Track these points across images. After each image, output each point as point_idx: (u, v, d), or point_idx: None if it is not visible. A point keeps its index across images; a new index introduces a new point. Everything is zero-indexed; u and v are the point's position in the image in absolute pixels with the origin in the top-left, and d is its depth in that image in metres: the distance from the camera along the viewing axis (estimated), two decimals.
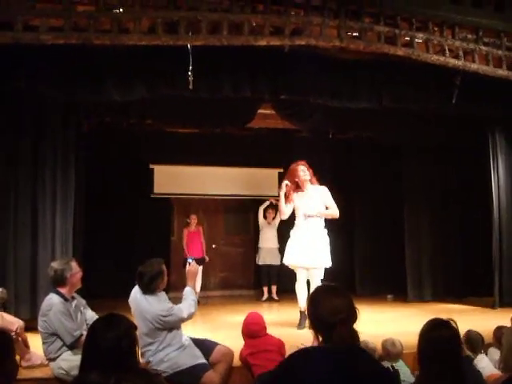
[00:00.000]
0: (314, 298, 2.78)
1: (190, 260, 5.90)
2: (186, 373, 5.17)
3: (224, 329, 7.80)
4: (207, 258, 11.54)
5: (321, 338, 2.64)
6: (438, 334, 3.13)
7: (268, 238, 11.63)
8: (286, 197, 7.81)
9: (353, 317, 2.65)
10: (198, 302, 10.48)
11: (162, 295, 5.43)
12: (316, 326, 2.70)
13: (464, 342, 5.15)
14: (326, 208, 7.76)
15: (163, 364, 5.19)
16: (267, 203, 11.78)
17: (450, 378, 2.95)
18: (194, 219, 11.49)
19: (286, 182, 7.83)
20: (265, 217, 11.83)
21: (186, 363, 5.22)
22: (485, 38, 7.59)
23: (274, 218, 11.61)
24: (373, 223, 12.11)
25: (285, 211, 7.87)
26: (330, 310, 2.61)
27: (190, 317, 5.42)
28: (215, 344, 5.63)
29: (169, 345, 5.26)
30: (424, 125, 9.99)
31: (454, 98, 8.15)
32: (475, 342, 5.14)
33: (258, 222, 12.02)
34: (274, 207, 11.39)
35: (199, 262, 10.74)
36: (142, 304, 5.30)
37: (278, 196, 8.14)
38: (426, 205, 11.21)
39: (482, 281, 10.60)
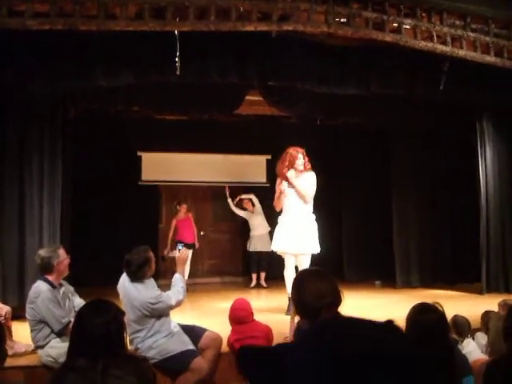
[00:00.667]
0: (298, 283, 2.78)
1: (179, 246, 5.81)
2: (175, 359, 5.17)
3: (212, 315, 7.81)
4: (197, 245, 11.51)
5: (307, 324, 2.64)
6: (425, 317, 3.15)
7: (257, 224, 11.62)
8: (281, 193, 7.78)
9: (338, 301, 2.65)
10: (187, 288, 10.57)
11: (151, 282, 5.42)
12: (301, 312, 2.70)
13: (451, 326, 5.19)
14: (315, 198, 7.76)
15: (152, 351, 5.18)
16: (231, 202, 11.83)
17: (438, 359, 2.96)
18: (183, 208, 11.46)
19: (285, 186, 7.75)
20: (244, 208, 11.82)
21: (175, 349, 5.22)
22: (473, 25, 7.61)
23: (253, 205, 11.60)
24: (361, 209, 12.13)
25: (280, 205, 7.87)
26: (315, 295, 2.61)
27: (179, 304, 5.42)
28: (204, 330, 5.64)
29: (157, 332, 5.26)
30: (412, 111, 9.99)
31: (441, 85, 8.14)
32: (462, 326, 5.16)
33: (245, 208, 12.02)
34: (245, 193, 11.51)
35: (189, 247, 10.77)
36: (130, 291, 5.30)
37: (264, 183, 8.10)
38: (415, 191, 11.24)
39: (469, 267, 10.65)
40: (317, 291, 2.63)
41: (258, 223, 11.60)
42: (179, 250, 5.76)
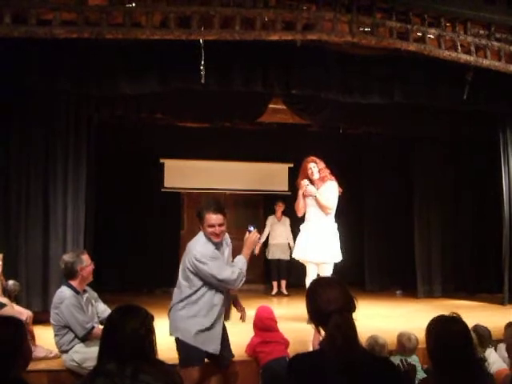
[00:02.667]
0: (310, 292, 2.80)
1: (251, 228, 5.40)
2: (186, 348, 4.83)
3: (234, 323, 7.80)
4: None
5: (322, 332, 2.66)
6: (448, 329, 3.11)
7: (278, 234, 11.57)
8: (304, 195, 7.78)
9: (348, 306, 2.66)
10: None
11: (214, 245, 5.04)
12: (314, 319, 2.72)
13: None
14: (337, 207, 7.75)
15: (186, 321, 4.84)
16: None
17: (462, 372, 2.94)
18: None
19: (306, 181, 7.76)
20: (274, 211, 11.78)
21: (196, 342, 4.81)
22: (497, 34, 7.59)
23: (282, 215, 11.56)
24: (383, 219, 12.07)
25: (300, 208, 7.87)
26: (325, 301, 2.63)
27: (228, 283, 4.88)
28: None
29: (198, 302, 4.85)
30: (435, 120, 9.97)
31: (465, 94, 8.13)
32: (483, 336, 5.14)
33: (267, 216, 12.01)
34: (282, 201, 11.41)
35: None
36: (190, 243, 5.05)
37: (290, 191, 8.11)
38: (437, 200, 11.19)
39: (491, 277, 10.59)
40: (327, 298, 2.65)
41: (279, 232, 11.56)
42: (249, 231, 5.34)
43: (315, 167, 7.74)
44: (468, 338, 3.07)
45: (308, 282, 7.70)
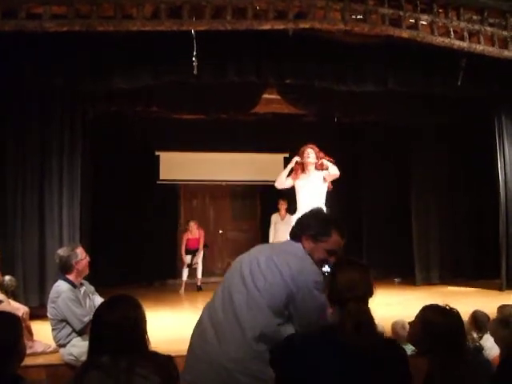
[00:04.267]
0: (333, 269, 2.79)
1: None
2: None
3: None
4: (207, 246, 11.64)
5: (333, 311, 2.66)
6: (440, 319, 3.09)
7: (281, 233, 11.32)
8: (294, 173, 7.80)
9: (366, 293, 2.66)
10: (201, 287, 10.51)
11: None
12: (331, 298, 2.70)
13: (470, 322, 5.16)
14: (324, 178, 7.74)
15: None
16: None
17: (454, 362, 2.91)
18: (193, 226, 11.36)
19: (297, 158, 7.80)
20: (277, 209, 11.73)
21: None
22: (490, 19, 7.55)
23: (286, 212, 11.50)
24: (380, 206, 12.07)
25: (282, 181, 7.94)
26: (344, 285, 2.62)
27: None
28: None
29: None
30: (430, 107, 9.94)
31: (459, 80, 8.10)
32: (482, 322, 5.14)
33: (264, 207, 12.00)
34: (284, 198, 11.36)
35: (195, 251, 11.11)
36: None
37: None
38: (433, 187, 11.20)
39: (489, 263, 10.59)
40: (349, 280, 2.63)
41: (282, 231, 11.38)
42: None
43: (312, 153, 7.73)
44: (459, 328, 3.05)
45: None
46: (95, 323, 2.81)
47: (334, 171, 7.66)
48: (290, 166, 7.84)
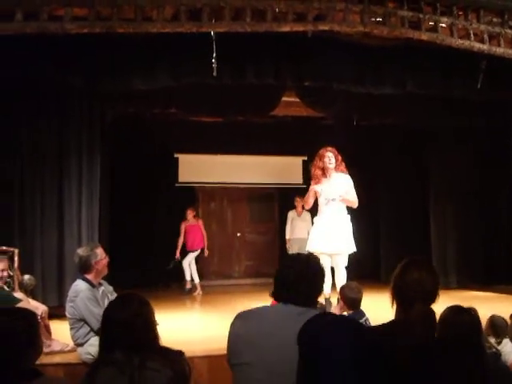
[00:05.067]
0: (403, 266, 2.82)
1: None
2: None
3: None
4: (206, 252, 11.45)
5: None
6: (459, 319, 3.10)
7: (298, 229, 11.42)
8: (315, 179, 7.84)
9: (433, 295, 2.67)
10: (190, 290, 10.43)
11: None
12: (394, 293, 2.72)
13: (488, 327, 5.12)
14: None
15: None
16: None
17: (468, 363, 2.90)
18: (189, 214, 11.31)
19: (316, 187, 7.78)
20: (294, 207, 11.75)
21: None
22: (510, 22, 7.48)
23: (303, 210, 11.49)
24: (398, 210, 12.03)
25: (309, 203, 7.96)
26: (412, 283, 2.63)
27: None
28: None
29: None
30: (449, 110, 9.89)
31: (479, 83, 8.05)
32: (499, 326, 5.10)
33: (282, 209, 12.00)
34: (300, 196, 11.32)
35: (194, 252, 11.07)
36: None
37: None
38: (451, 191, 11.14)
39: (507, 268, 10.52)
40: (415, 280, 2.65)
41: (299, 227, 11.46)
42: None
43: (333, 157, 7.74)
44: (476, 329, 3.04)
45: None
46: (106, 321, 2.85)
47: (352, 199, 7.74)
48: (312, 186, 7.82)
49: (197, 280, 10.99)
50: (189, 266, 11.01)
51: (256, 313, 2.93)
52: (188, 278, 10.99)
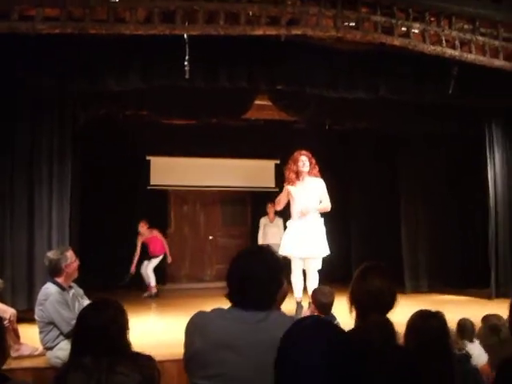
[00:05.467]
0: (360, 274, 2.78)
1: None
2: None
3: None
4: (170, 259, 11.35)
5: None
6: (426, 323, 3.11)
7: (271, 235, 11.41)
8: (288, 181, 7.86)
9: (390, 303, 2.65)
10: (157, 293, 10.45)
11: None
12: (354, 303, 2.69)
13: (457, 330, 5.16)
14: (320, 201, 7.79)
15: None
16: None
17: (436, 369, 2.91)
18: (142, 227, 11.06)
19: (291, 188, 7.81)
20: (266, 213, 11.74)
21: None
22: (482, 29, 7.57)
23: (275, 216, 11.51)
24: (369, 214, 12.09)
25: (282, 203, 7.98)
26: (370, 291, 2.60)
27: None
28: None
29: None
30: (421, 115, 9.97)
31: (450, 89, 8.14)
32: (467, 330, 5.14)
33: (254, 213, 12.00)
34: (273, 202, 11.29)
35: (156, 257, 10.99)
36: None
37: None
38: (423, 195, 11.24)
39: (478, 272, 10.61)
40: (375, 287, 2.63)
41: (272, 233, 11.47)
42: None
43: (307, 161, 7.77)
44: (444, 333, 3.06)
45: (293, 278, 7.68)
46: (80, 325, 2.82)
47: (326, 205, 7.82)
48: (285, 189, 7.86)
49: (153, 282, 10.98)
50: (152, 271, 10.94)
51: (213, 322, 2.59)
52: (153, 283, 10.91)
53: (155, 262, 11.00)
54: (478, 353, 4.85)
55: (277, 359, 1.68)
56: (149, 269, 10.91)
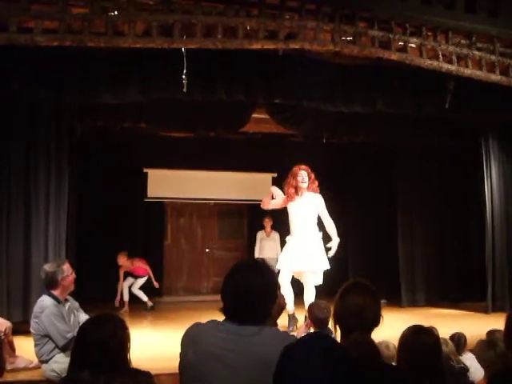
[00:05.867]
0: (342, 292, 2.77)
1: None
2: None
3: None
4: (156, 284, 11.12)
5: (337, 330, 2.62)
6: (419, 339, 3.10)
7: (267, 249, 11.43)
8: (288, 196, 7.93)
9: (372, 322, 2.64)
10: (153, 307, 10.44)
11: None
12: (335, 319, 2.68)
13: (450, 343, 5.15)
14: (319, 216, 7.91)
15: None
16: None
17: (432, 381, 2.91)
18: (121, 259, 10.71)
19: (272, 188, 7.98)
20: (262, 227, 11.76)
21: None
22: (478, 44, 7.62)
23: (271, 230, 11.51)
24: (366, 227, 12.10)
25: (268, 204, 8.16)
26: (351, 311, 2.59)
27: None
28: None
29: None
30: (418, 129, 10.01)
31: (447, 103, 8.16)
32: (461, 344, 5.13)
33: (251, 226, 11.99)
34: (269, 216, 11.30)
35: (139, 277, 10.85)
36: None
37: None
38: (420, 209, 11.24)
39: (475, 286, 10.61)
40: (357, 306, 2.62)
41: (268, 247, 11.48)
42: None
43: (306, 176, 7.79)
44: (436, 349, 3.05)
45: (283, 291, 7.58)
46: (80, 339, 2.81)
47: (332, 224, 8.08)
48: (269, 196, 8.01)
49: (126, 298, 10.80)
50: (138, 289, 10.86)
51: (206, 333, 2.59)
52: (145, 298, 10.85)
53: (140, 282, 10.90)
54: (475, 368, 4.85)
55: (275, 372, 1.68)
56: (135, 288, 10.85)
